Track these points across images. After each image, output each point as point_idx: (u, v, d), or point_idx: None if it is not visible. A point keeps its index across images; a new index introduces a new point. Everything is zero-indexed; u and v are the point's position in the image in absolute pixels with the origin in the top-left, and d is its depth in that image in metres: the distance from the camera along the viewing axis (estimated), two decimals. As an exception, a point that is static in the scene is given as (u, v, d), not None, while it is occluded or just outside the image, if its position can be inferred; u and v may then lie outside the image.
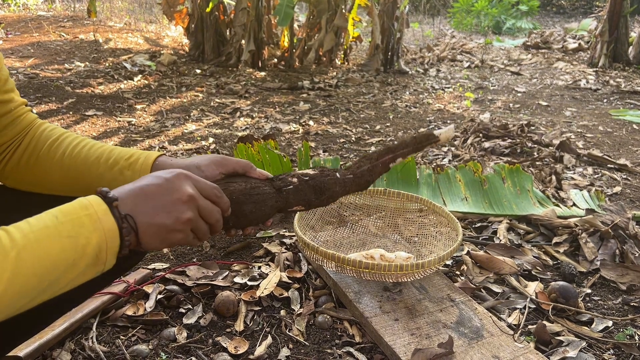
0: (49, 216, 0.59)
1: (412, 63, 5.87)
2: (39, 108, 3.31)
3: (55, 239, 0.57)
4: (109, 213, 0.62)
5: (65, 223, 0.59)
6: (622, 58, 5.72)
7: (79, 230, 0.59)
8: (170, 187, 0.67)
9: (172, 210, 0.66)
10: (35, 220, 0.58)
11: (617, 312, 1.38)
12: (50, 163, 0.85)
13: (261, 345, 1.19)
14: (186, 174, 0.70)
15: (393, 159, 0.93)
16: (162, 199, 0.66)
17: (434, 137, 0.93)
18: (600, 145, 3.01)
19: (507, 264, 1.54)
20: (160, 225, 0.65)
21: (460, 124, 3.38)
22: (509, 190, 1.98)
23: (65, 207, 0.61)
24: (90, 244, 0.59)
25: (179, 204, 0.67)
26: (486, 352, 1.12)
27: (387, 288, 1.34)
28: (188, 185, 0.69)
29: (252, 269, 1.50)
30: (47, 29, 6.11)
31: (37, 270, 0.55)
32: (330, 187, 0.88)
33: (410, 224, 1.61)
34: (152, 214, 0.65)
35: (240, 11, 4.97)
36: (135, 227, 0.64)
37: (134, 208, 0.64)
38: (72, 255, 0.58)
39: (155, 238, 0.66)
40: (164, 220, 0.66)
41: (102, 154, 0.85)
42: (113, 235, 0.61)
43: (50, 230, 0.57)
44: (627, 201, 2.17)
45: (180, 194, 0.67)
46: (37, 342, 1.08)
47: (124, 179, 0.83)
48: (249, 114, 3.50)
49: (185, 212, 0.67)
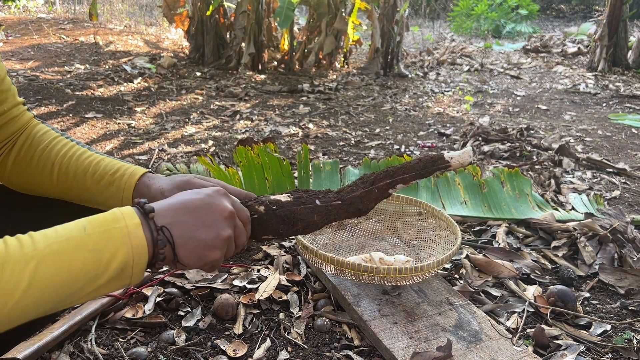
0: (78, 226, 0.58)
1: (412, 66, 5.88)
2: (39, 110, 3.32)
3: (78, 252, 0.56)
4: (140, 227, 0.60)
5: (92, 235, 0.57)
6: (622, 62, 5.74)
7: (105, 244, 0.57)
8: (213, 202, 0.66)
9: (213, 226, 0.64)
10: (63, 229, 0.57)
11: (616, 316, 1.38)
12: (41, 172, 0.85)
13: (260, 349, 1.19)
14: (225, 191, 0.69)
15: (392, 185, 0.80)
16: (204, 213, 0.64)
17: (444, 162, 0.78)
18: (599, 149, 3.01)
19: (506, 268, 1.54)
20: (200, 240, 0.63)
21: (459, 127, 3.38)
22: (508, 194, 1.98)
23: (96, 218, 0.59)
24: (115, 259, 0.57)
25: (221, 220, 0.65)
26: (485, 356, 1.12)
27: (386, 291, 1.34)
28: (228, 200, 0.68)
29: (251, 271, 1.50)
30: (48, 31, 6.12)
31: (55, 283, 0.54)
32: (304, 218, 0.76)
33: (410, 228, 1.62)
34: (192, 228, 0.63)
35: (240, 14, 4.98)
36: (172, 240, 0.62)
37: (173, 221, 0.62)
38: (94, 270, 0.56)
39: (193, 254, 0.63)
40: (205, 236, 0.64)
41: (88, 166, 0.83)
42: (141, 251, 0.59)
43: (75, 242, 0.56)
44: (625, 205, 2.17)
45: (223, 209, 0.66)
46: (35, 344, 1.08)
47: (109, 194, 0.81)
48: (248, 117, 3.51)
49: (226, 229, 0.66)
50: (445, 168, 0.77)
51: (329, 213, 0.78)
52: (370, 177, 0.81)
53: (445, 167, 0.77)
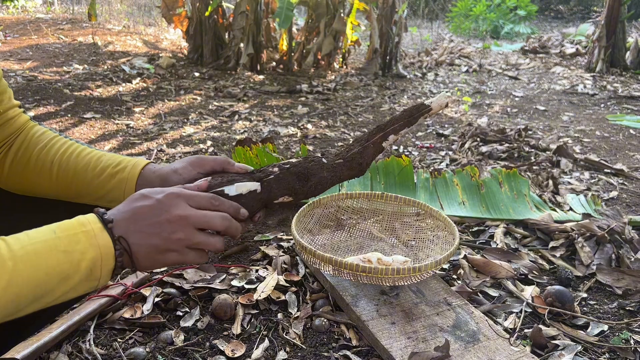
0: (48, 231, 0.61)
1: (411, 67, 5.88)
2: (37, 110, 3.31)
3: (52, 252, 0.59)
4: (104, 231, 0.64)
5: (62, 238, 0.61)
6: (620, 63, 5.75)
7: (74, 246, 0.61)
8: (160, 207, 0.68)
9: (161, 231, 0.67)
10: (35, 233, 0.60)
11: (613, 317, 1.39)
12: (40, 171, 0.85)
13: (258, 349, 1.19)
14: (177, 192, 0.71)
15: (384, 137, 0.87)
16: (152, 220, 0.67)
17: (426, 107, 0.87)
18: (597, 150, 3.02)
19: (504, 268, 1.54)
20: (151, 246, 0.67)
21: (457, 128, 3.39)
22: (506, 194, 1.99)
23: (64, 224, 0.63)
24: (84, 259, 0.61)
25: (167, 225, 0.68)
26: (482, 356, 1.13)
27: (384, 292, 1.34)
28: (179, 204, 0.70)
29: (250, 272, 1.51)
30: (46, 31, 6.12)
31: (32, 281, 0.57)
32: (315, 173, 0.83)
33: (408, 228, 1.62)
34: (143, 236, 0.66)
35: (239, 14, 4.98)
36: (129, 248, 0.65)
37: (127, 230, 0.66)
38: (67, 269, 0.60)
39: (148, 258, 0.67)
40: (154, 241, 0.67)
41: (89, 161, 0.85)
42: (108, 252, 0.63)
43: (48, 244, 0.59)
44: (623, 206, 2.18)
45: (169, 214, 0.68)
46: (34, 345, 1.09)
47: (111, 187, 0.83)
48: (247, 117, 3.51)
49: (175, 232, 0.68)
50: (428, 112, 0.85)
51: (335, 170, 0.84)
52: (363, 136, 0.89)
53: (427, 110, 0.85)
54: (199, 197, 0.73)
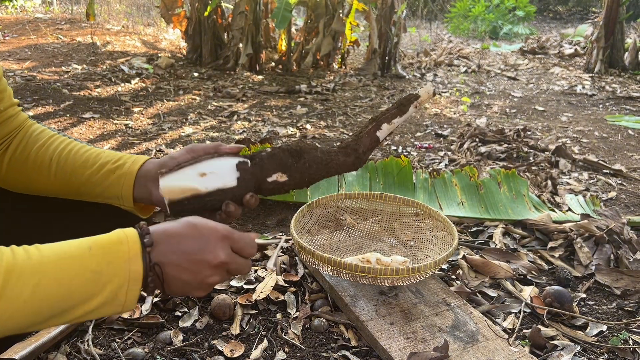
0: (84, 245, 0.60)
1: (409, 67, 5.89)
2: (36, 110, 3.31)
3: (81, 271, 0.58)
4: (139, 256, 0.62)
5: (95, 257, 0.59)
6: (618, 64, 5.75)
7: (106, 267, 0.59)
8: (206, 247, 0.67)
9: (199, 272, 0.66)
10: (69, 247, 0.59)
11: (612, 317, 1.39)
12: (38, 169, 0.85)
13: (257, 349, 1.19)
14: (225, 234, 0.69)
15: (377, 126, 0.90)
16: (194, 257, 0.66)
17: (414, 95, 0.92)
18: (596, 151, 3.02)
19: (503, 269, 1.55)
20: (185, 283, 0.66)
21: (456, 128, 3.39)
22: (504, 195, 1.99)
23: (102, 239, 0.61)
24: (112, 282, 0.59)
25: (208, 268, 0.67)
26: (481, 356, 1.13)
27: (383, 292, 1.34)
28: (224, 248, 0.68)
29: (249, 272, 1.50)
30: (45, 31, 6.11)
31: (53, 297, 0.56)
32: (308, 151, 0.83)
33: (407, 228, 1.62)
34: (180, 270, 0.65)
35: (238, 15, 4.98)
36: (162, 277, 0.64)
37: (165, 258, 0.64)
38: (91, 290, 0.58)
39: (178, 290, 0.67)
40: (190, 279, 0.66)
41: (88, 158, 0.85)
42: (137, 278, 0.61)
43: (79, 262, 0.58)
44: (622, 206, 2.18)
45: (213, 257, 0.67)
46: (32, 345, 1.08)
47: (110, 182, 0.83)
48: (246, 118, 3.51)
49: (212, 276, 0.68)
50: (416, 98, 0.90)
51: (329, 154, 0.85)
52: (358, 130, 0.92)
53: (415, 97, 0.90)
54: (243, 244, 0.71)
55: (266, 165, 0.81)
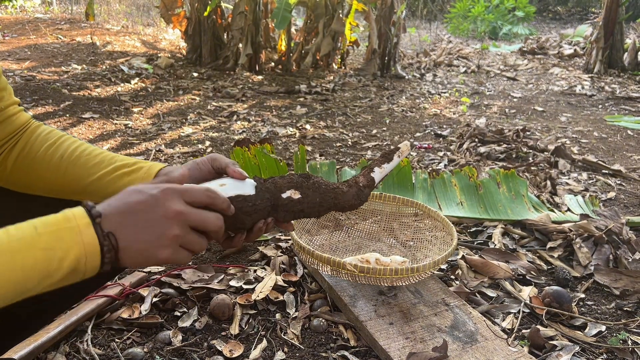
0: (29, 227, 0.59)
1: (409, 68, 5.89)
2: (36, 110, 3.31)
3: (31, 251, 0.57)
4: (91, 227, 0.60)
5: (44, 235, 0.58)
6: (617, 64, 5.76)
7: (57, 243, 0.58)
8: (155, 203, 0.65)
9: (155, 227, 0.64)
10: (15, 229, 0.58)
11: (611, 317, 1.39)
12: (47, 165, 0.85)
13: (256, 349, 1.19)
14: (173, 188, 0.68)
15: (370, 169, 0.99)
16: (146, 215, 0.64)
17: (396, 148, 1.03)
18: (595, 151, 3.03)
19: (502, 269, 1.55)
20: (143, 242, 0.64)
21: (456, 128, 3.39)
22: (504, 195, 1.99)
23: (48, 218, 0.60)
24: (67, 257, 0.58)
25: (164, 221, 0.65)
26: (480, 356, 1.13)
27: (382, 292, 1.34)
28: (175, 200, 0.67)
29: (248, 272, 1.51)
30: (45, 31, 6.11)
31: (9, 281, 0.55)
32: (314, 175, 0.89)
33: (406, 228, 1.62)
34: (135, 232, 0.63)
35: (237, 15, 4.98)
36: (117, 245, 0.62)
37: (118, 225, 0.63)
38: (47, 267, 0.58)
39: (139, 255, 0.64)
40: (147, 237, 0.64)
41: (103, 159, 0.85)
42: (93, 249, 0.60)
43: (26, 242, 0.57)
44: (621, 206, 2.18)
45: (165, 209, 0.65)
46: (31, 345, 1.08)
47: (123, 184, 0.83)
48: (245, 118, 3.51)
49: (171, 228, 0.65)
50: (397, 149, 1.02)
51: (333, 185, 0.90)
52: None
53: (397, 149, 1.02)
54: (193, 191, 0.69)
55: (279, 182, 0.84)
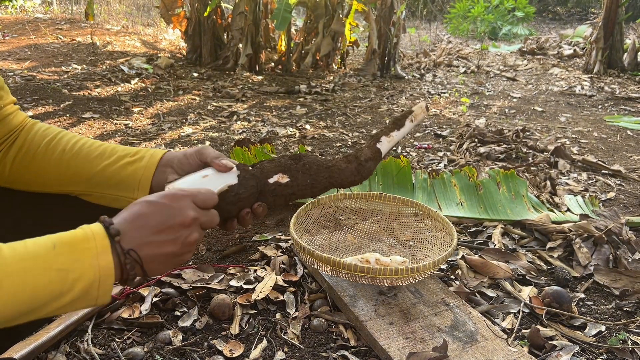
0: (47, 243, 0.58)
1: (409, 68, 5.89)
2: (36, 110, 3.31)
3: (45, 271, 0.56)
4: (108, 250, 0.60)
5: (61, 255, 0.58)
6: (617, 64, 5.76)
7: (72, 264, 0.58)
8: (171, 212, 0.66)
9: (178, 237, 0.65)
10: (33, 245, 0.58)
11: (610, 317, 1.39)
12: (49, 160, 0.85)
13: (256, 349, 1.19)
14: (182, 194, 0.69)
15: (377, 139, 0.93)
16: (164, 225, 0.65)
17: (409, 111, 0.96)
18: (595, 151, 3.03)
19: (502, 269, 1.55)
20: (168, 254, 0.65)
21: (455, 128, 3.39)
22: (503, 195, 1.99)
23: (66, 236, 0.60)
24: (81, 279, 0.58)
25: (184, 229, 0.66)
26: (480, 356, 1.13)
27: (382, 292, 1.35)
28: (188, 206, 0.68)
29: (248, 272, 1.51)
30: (45, 31, 6.11)
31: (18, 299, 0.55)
32: (308, 156, 0.86)
33: (406, 228, 1.62)
34: (158, 245, 0.64)
35: (237, 15, 4.98)
36: (140, 260, 0.63)
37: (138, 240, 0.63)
38: (59, 289, 0.57)
39: (163, 265, 0.66)
40: (171, 249, 0.65)
41: (104, 151, 0.86)
42: (108, 272, 0.60)
43: (42, 261, 0.56)
44: (620, 207, 2.18)
45: (183, 217, 0.66)
46: (32, 344, 1.08)
47: (127, 173, 0.83)
48: (245, 118, 3.51)
49: (191, 234, 0.67)
50: (410, 113, 0.94)
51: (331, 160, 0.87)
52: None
53: (410, 112, 0.94)
54: (203, 195, 0.71)
55: (266, 167, 0.83)
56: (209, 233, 1.78)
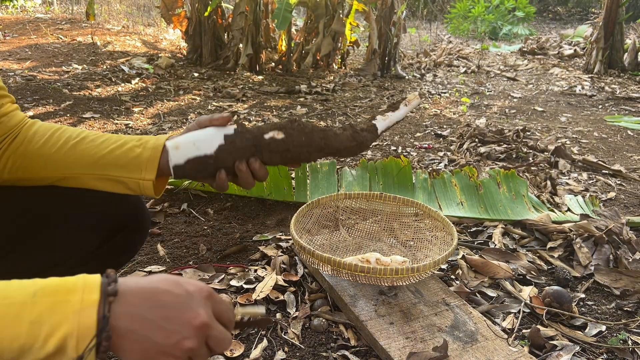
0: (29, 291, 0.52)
1: (409, 68, 5.89)
2: (36, 110, 3.31)
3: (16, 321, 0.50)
4: (94, 307, 0.52)
5: (39, 304, 0.51)
6: (617, 64, 5.76)
7: (47, 317, 0.50)
8: (187, 303, 0.57)
9: (175, 332, 0.55)
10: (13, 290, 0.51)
11: (611, 317, 1.39)
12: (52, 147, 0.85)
13: (257, 349, 1.19)
14: (210, 292, 0.60)
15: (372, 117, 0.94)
16: (172, 313, 0.55)
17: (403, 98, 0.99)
18: (595, 151, 3.03)
19: (502, 269, 1.55)
20: (153, 343, 0.54)
21: (456, 128, 3.39)
22: (504, 195, 1.99)
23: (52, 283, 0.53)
24: (54, 335, 0.50)
25: (188, 328, 0.56)
26: (480, 356, 1.13)
27: (382, 292, 1.35)
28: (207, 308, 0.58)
29: (248, 272, 1.51)
30: (45, 31, 6.11)
31: None
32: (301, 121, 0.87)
33: (406, 228, 1.62)
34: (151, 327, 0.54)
35: (238, 15, 4.99)
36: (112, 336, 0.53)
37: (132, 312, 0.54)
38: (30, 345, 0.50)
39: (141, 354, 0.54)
40: (161, 340, 0.54)
41: (110, 138, 0.87)
42: (88, 332, 0.51)
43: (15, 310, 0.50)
44: (621, 207, 2.18)
45: (195, 317, 0.56)
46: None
47: (135, 155, 0.84)
48: (246, 118, 3.51)
49: (191, 339, 0.56)
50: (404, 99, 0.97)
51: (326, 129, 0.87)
52: None
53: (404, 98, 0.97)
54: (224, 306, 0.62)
55: (262, 127, 0.86)
56: (209, 233, 1.78)
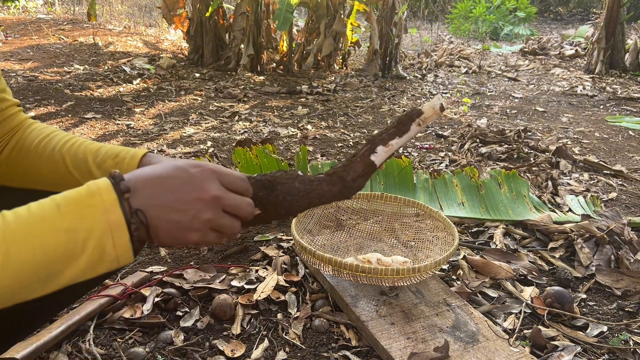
0: (52, 205, 0.56)
1: (410, 68, 5.89)
2: (38, 110, 3.32)
3: (52, 232, 0.54)
4: (117, 204, 0.57)
5: (67, 214, 0.55)
6: (619, 65, 5.75)
7: (79, 223, 0.55)
8: (193, 182, 0.62)
9: (189, 209, 0.61)
10: (37, 208, 0.55)
11: (612, 317, 1.39)
12: (40, 159, 0.85)
13: (258, 349, 1.19)
14: (213, 169, 0.65)
15: (372, 149, 0.77)
16: (181, 195, 0.61)
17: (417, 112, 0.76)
18: (596, 151, 3.03)
19: (503, 269, 1.55)
20: (175, 222, 0.61)
21: (457, 129, 3.39)
22: (505, 195, 1.99)
23: (71, 194, 0.57)
24: (91, 237, 0.55)
25: (199, 203, 0.62)
26: (482, 357, 1.13)
27: (383, 292, 1.35)
28: (213, 183, 0.64)
29: (250, 272, 1.51)
30: (47, 31, 6.12)
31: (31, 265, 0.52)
32: (284, 182, 0.74)
33: (407, 229, 1.62)
34: (167, 210, 0.60)
35: (239, 15, 4.99)
36: (147, 222, 0.59)
37: (148, 201, 0.59)
38: (71, 250, 0.54)
39: (169, 235, 0.61)
40: (180, 218, 0.61)
41: (90, 152, 0.85)
42: (120, 227, 0.56)
43: (47, 223, 0.54)
44: (622, 207, 2.18)
45: (203, 192, 0.62)
46: (34, 344, 1.09)
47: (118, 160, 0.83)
48: (247, 118, 3.51)
49: (205, 212, 0.62)
50: (419, 115, 0.75)
51: (311, 184, 0.75)
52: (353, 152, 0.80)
53: (418, 113, 0.75)
54: (233, 177, 0.67)
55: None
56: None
